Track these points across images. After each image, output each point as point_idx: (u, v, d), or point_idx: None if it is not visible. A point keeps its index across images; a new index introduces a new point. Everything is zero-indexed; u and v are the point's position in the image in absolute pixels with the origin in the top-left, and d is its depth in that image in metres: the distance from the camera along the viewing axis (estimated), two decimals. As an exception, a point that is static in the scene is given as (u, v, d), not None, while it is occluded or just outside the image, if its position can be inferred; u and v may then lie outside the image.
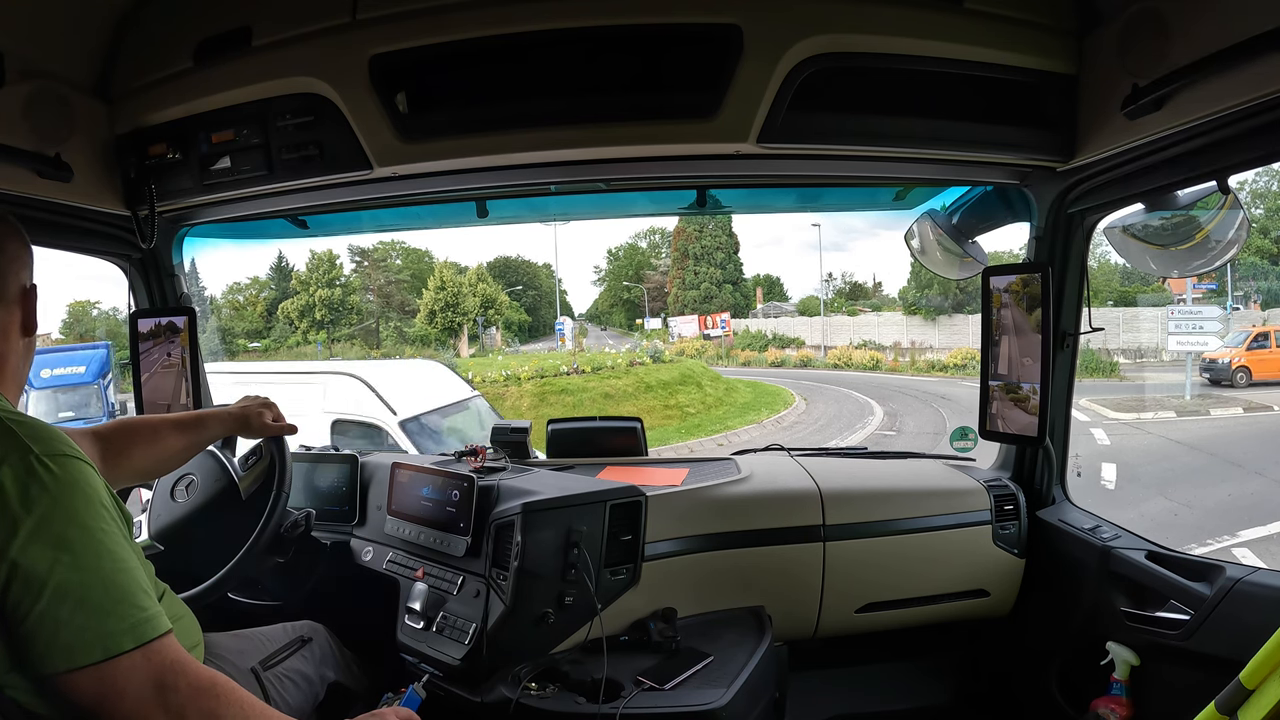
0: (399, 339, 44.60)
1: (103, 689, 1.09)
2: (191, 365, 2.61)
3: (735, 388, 24.27)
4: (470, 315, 42.97)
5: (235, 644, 1.76)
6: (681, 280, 49.03)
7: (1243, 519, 9.26)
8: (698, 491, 2.40)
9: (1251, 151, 1.64)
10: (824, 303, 40.93)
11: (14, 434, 1.15)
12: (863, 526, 2.43)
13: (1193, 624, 1.90)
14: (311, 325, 44.09)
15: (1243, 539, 8.68)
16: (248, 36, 1.97)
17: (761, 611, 2.32)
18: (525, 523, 2.01)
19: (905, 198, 2.69)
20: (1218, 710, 1.27)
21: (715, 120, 1.87)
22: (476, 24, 1.84)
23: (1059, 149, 2.01)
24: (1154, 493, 10.49)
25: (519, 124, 1.94)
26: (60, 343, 38.30)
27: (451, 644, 2.01)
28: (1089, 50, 1.89)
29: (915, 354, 32.97)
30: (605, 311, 58.53)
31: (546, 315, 52.42)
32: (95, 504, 1.17)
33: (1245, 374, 20.68)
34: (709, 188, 2.52)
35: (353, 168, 2.03)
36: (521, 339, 49.14)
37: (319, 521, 2.17)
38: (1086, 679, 2.21)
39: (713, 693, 1.87)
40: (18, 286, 1.35)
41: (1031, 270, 2.29)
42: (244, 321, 45.94)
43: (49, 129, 1.93)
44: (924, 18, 1.84)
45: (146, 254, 2.51)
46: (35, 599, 1.06)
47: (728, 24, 1.79)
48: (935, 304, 35.73)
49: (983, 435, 2.50)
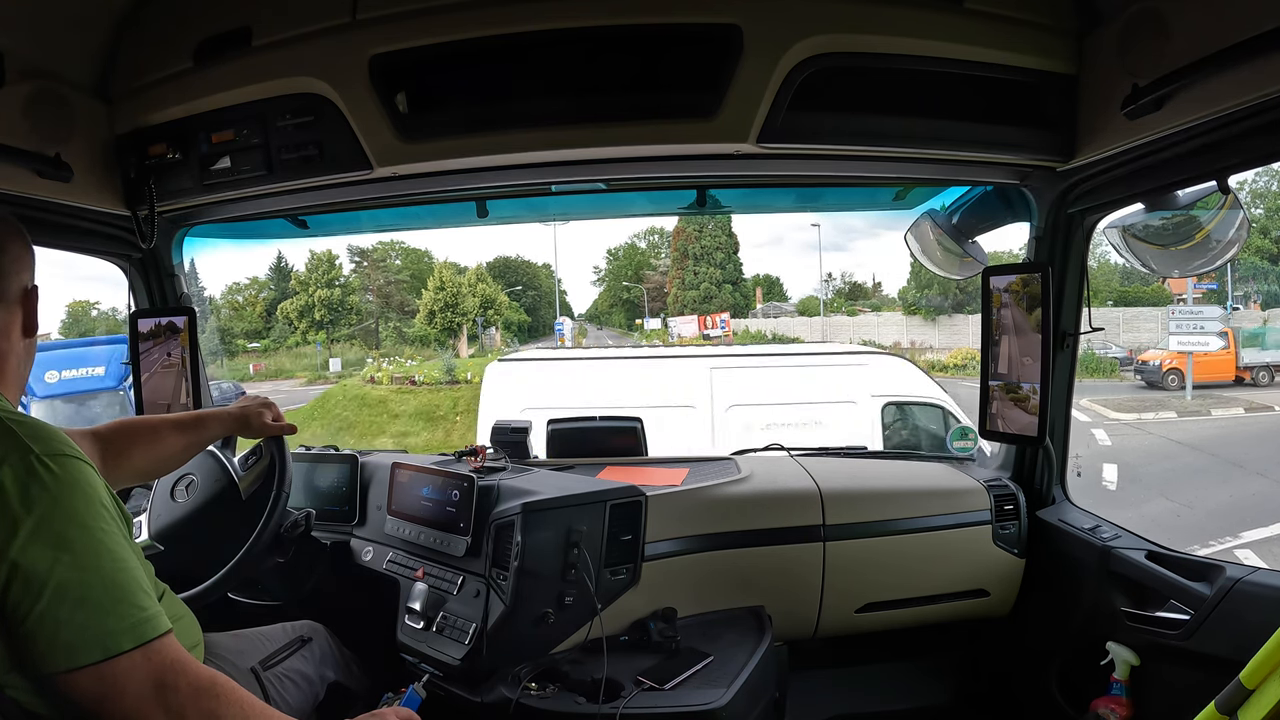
0: (398, 339, 44.58)
1: (103, 688, 1.09)
2: (191, 365, 2.61)
3: (735, 387, 24.11)
4: (470, 315, 42.93)
5: (235, 644, 1.76)
6: (681, 280, 49.03)
7: (1244, 520, 9.27)
8: (698, 491, 2.39)
9: (1251, 151, 1.64)
10: (823, 303, 40.89)
11: (14, 434, 1.15)
12: (863, 526, 2.43)
13: (1193, 624, 1.90)
14: (311, 325, 44.07)
15: (1245, 540, 8.69)
16: (248, 36, 1.97)
17: (761, 611, 2.32)
18: (525, 523, 2.01)
19: (905, 198, 2.69)
20: (1218, 710, 1.27)
21: (715, 120, 1.87)
22: (476, 24, 1.84)
23: (1059, 149, 2.01)
24: (1155, 494, 10.51)
25: (519, 124, 1.94)
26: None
27: (451, 644, 2.01)
28: (1089, 50, 1.89)
29: (915, 354, 32.91)
30: (605, 311, 58.50)
31: (546, 315, 52.40)
32: (95, 504, 1.17)
33: (1177, 376, 20.73)
34: (709, 188, 2.52)
35: (353, 168, 2.03)
36: (521, 339, 49.11)
37: (319, 521, 2.17)
38: (1086, 679, 2.21)
39: (713, 693, 1.87)
40: (19, 287, 1.35)
41: (1031, 270, 2.29)
42: (243, 322, 45.93)
43: (49, 129, 1.93)
44: (924, 18, 1.84)
45: (146, 254, 2.51)
46: (35, 599, 1.06)
47: (728, 24, 1.80)
48: (935, 304, 35.72)
49: (983, 435, 2.50)
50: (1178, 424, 16.26)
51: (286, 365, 39.63)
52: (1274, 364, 21.03)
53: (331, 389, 25.69)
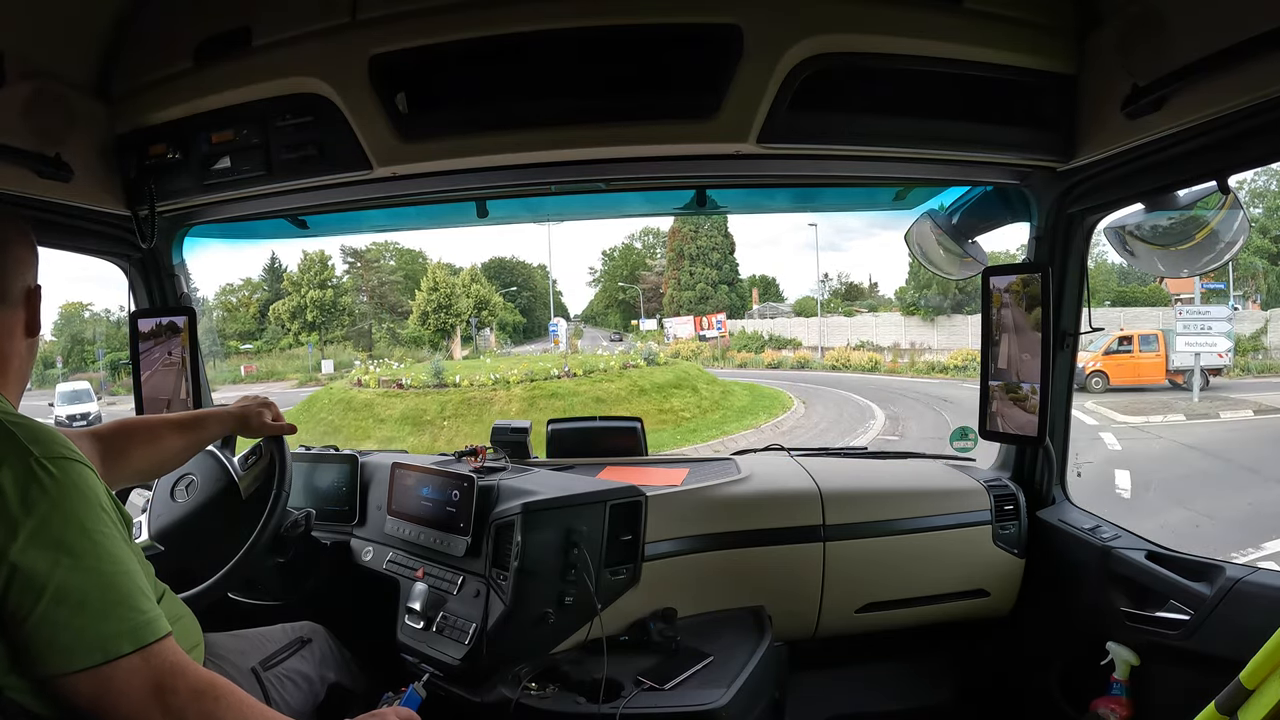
0: (391, 340, 44.35)
1: (102, 692, 1.09)
2: (191, 364, 2.61)
3: (732, 391, 24.02)
4: (463, 316, 42.74)
5: (235, 644, 1.76)
6: (677, 281, 48.99)
7: (1267, 529, 9.10)
8: (698, 491, 2.40)
9: (1251, 151, 1.65)
10: (820, 304, 40.87)
11: (14, 436, 1.15)
12: (863, 526, 2.43)
13: (1193, 624, 1.91)
14: (303, 327, 43.72)
15: (1268, 551, 8.56)
16: (248, 36, 1.96)
17: (761, 611, 2.32)
18: (525, 523, 2.01)
19: (905, 198, 2.69)
20: (1218, 710, 1.27)
21: (715, 120, 1.87)
22: (476, 24, 1.83)
23: (1059, 149, 2.02)
24: (1172, 502, 10.30)
25: (519, 124, 1.94)
26: (53, 346, 37.99)
27: (451, 644, 2.01)
28: (1089, 50, 1.89)
29: (914, 355, 32.93)
30: (601, 312, 58.50)
31: (542, 316, 52.28)
32: (95, 506, 1.17)
33: (1102, 378, 20.71)
34: (709, 188, 2.52)
35: (352, 168, 2.03)
36: (516, 340, 49.02)
37: (319, 521, 2.16)
38: (1086, 679, 2.22)
39: (713, 693, 1.88)
40: (22, 287, 1.35)
41: (1031, 270, 2.30)
42: (236, 323, 45.69)
43: (49, 129, 1.92)
44: (924, 18, 1.84)
45: (146, 254, 2.51)
46: (35, 601, 1.06)
47: (728, 24, 1.80)
48: (934, 304, 35.70)
49: (983, 435, 2.51)
50: (1187, 427, 16.07)
51: (278, 367, 39.41)
52: (1207, 367, 20.64)
53: (318, 392, 25.32)
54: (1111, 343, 21.07)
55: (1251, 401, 18.33)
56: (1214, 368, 21.24)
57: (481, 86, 1.94)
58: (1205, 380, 20.23)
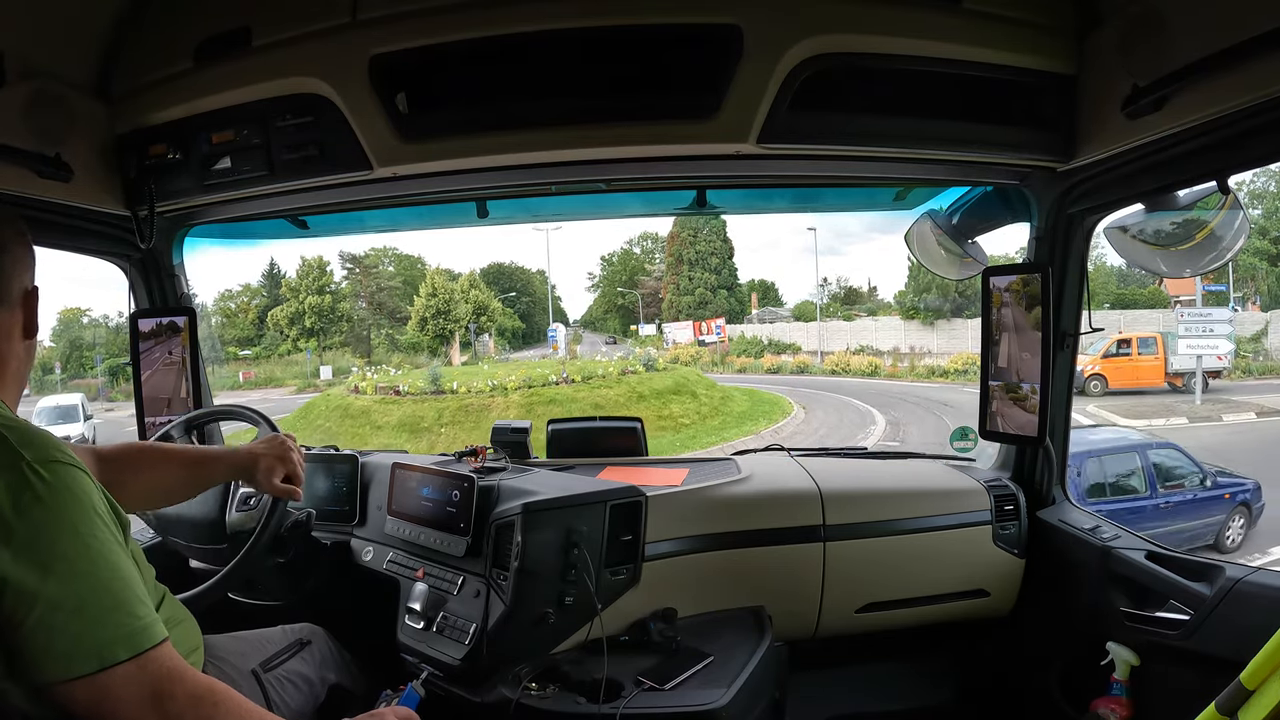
0: (390, 346, 44.22)
1: (99, 699, 1.08)
2: (192, 364, 2.61)
3: (731, 396, 23.97)
4: (462, 322, 42.66)
5: (236, 646, 1.75)
6: (676, 286, 48.96)
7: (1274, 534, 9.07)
8: (698, 491, 2.39)
9: (1251, 151, 1.65)
10: (819, 308, 40.84)
11: (5, 440, 1.14)
12: (863, 526, 2.43)
13: (1193, 624, 1.91)
14: (301, 333, 43.52)
15: (1275, 555, 8.49)
16: (248, 37, 1.96)
17: (762, 611, 2.31)
18: (525, 523, 2.01)
19: (905, 198, 2.70)
20: (1218, 711, 1.27)
21: (715, 120, 1.87)
22: (477, 24, 1.84)
23: (1059, 149, 2.02)
24: None
25: (519, 124, 1.94)
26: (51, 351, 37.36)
27: (451, 644, 2.01)
28: (1089, 50, 1.90)
29: (914, 359, 32.90)
30: (600, 318, 58.42)
31: (541, 322, 52.23)
32: (89, 511, 1.15)
33: (1100, 382, 20.67)
34: (709, 188, 2.53)
35: (353, 168, 2.03)
36: (515, 346, 48.92)
37: (319, 521, 2.16)
38: (1086, 679, 2.21)
39: (713, 693, 1.87)
40: (20, 288, 1.34)
41: (1031, 270, 2.30)
42: (235, 329, 45.52)
43: (49, 129, 1.92)
44: (924, 18, 1.85)
45: (146, 254, 2.51)
46: (29, 608, 1.05)
47: (728, 24, 1.80)
48: (934, 307, 35.68)
49: (983, 435, 2.51)
50: (1190, 430, 16.02)
51: (277, 373, 39.27)
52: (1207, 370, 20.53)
53: (315, 399, 25.12)
54: (1110, 346, 21.07)
55: (1253, 404, 18.30)
56: (1213, 370, 21.20)
57: (481, 86, 1.94)
58: (1205, 383, 20.19)
